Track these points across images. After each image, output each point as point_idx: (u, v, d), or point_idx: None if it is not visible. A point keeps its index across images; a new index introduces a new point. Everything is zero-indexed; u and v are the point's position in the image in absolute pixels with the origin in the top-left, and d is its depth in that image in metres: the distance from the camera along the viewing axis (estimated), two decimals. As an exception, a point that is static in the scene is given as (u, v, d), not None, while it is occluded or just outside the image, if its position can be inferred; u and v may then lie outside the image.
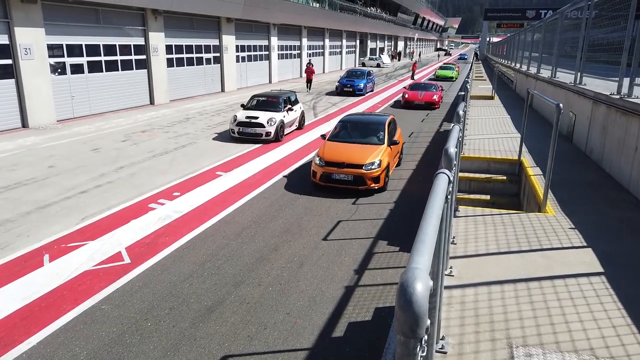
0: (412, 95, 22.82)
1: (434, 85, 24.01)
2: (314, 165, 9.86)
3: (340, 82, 27.51)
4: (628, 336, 3.50)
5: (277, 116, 14.43)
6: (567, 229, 5.61)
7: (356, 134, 10.94)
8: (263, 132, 14.04)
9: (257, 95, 15.70)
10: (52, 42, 16.10)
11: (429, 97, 22.48)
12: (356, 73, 28.82)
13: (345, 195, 9.62)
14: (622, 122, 7.46)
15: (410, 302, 1.08)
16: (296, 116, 16.09)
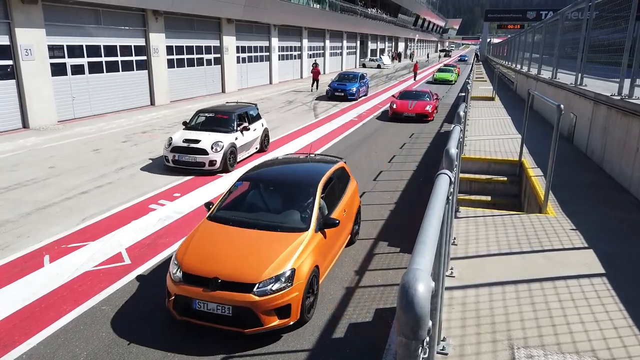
0: (401, 105, 19.31)
1: (428, 93, 20.75)
2: (168, 279, 5.20)
3: (331, 86, 25.44)
4: (630, 337, 3.49)
5: (225, 139, 11.00)
6: (568, 230, 5.60)
7: (263, 205, 6.33)
8: (206, 161, 10.61)
9: (203, 111, 12.26)
10: (52, 42, 16.11)
11: (420, 107, 19.14)
12: (348, 76, 26.95)
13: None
14: (623, 123, 7.46)
15: (411, 303, 1.07)
16: (256, 136, 12.57)
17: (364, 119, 19.61)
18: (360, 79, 26.67)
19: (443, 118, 20.06)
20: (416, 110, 18.92)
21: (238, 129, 11.63)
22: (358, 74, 26.98)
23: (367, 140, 15.40)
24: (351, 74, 27.43)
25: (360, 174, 11.28)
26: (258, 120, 12.98)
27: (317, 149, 13.62)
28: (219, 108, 12.56)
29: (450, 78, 36.49)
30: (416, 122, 18.71)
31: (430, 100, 19.87)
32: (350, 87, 25.20)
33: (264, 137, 13.30)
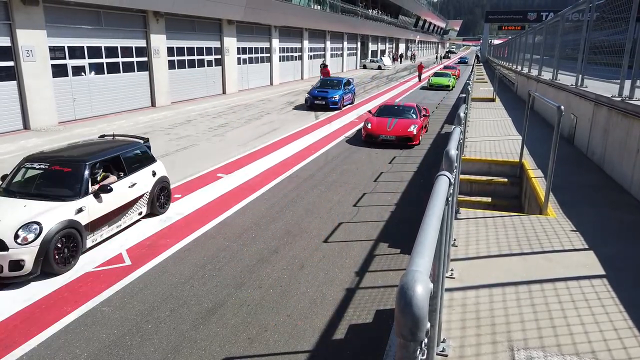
0: (378, 125, 14.85)
1: (414, 108, 16.06)
2: None
3: (311, 94, 22.25)
4: (630, 339, 3.49)
5: (53, 214, 6.23)
6: (568, 231, 5.60)
7: None
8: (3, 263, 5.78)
9: (33, 159, 7.23)
10: (53, 44, 16.13)
11: (402, 128, 14.54)
12: (332, 82, 23.65)
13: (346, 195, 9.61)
14: (624, 124, 7.45)
15: (410, 304, 1.07)
16: (137, 195, 7.76)
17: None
18: (345, 85, 23.38)
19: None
20: (397, 132, 14.47)
21: (90, 191, 6.84)
22: (343, 80, 23.68)
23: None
24: (335, 79, 24.23)
25: (360, 175, 11.29)
26: (146, 167, 8.18)
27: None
28: (63, 153, 7.47)
29: (448, 83, 32.64)
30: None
31: (416, 119, 15.32)
32: (333, 95, 21.96)
33: (159, 194, 8.35)
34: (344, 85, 23.14)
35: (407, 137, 14.48)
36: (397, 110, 16.04)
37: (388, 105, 16.85)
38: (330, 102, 21.74)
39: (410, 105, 16.54)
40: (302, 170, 11.71)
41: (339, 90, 22.53)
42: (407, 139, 14.50)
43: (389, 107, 16.61)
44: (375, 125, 14.85)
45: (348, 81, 24.14)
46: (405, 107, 16.34)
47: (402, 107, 16.39)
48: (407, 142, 14.51)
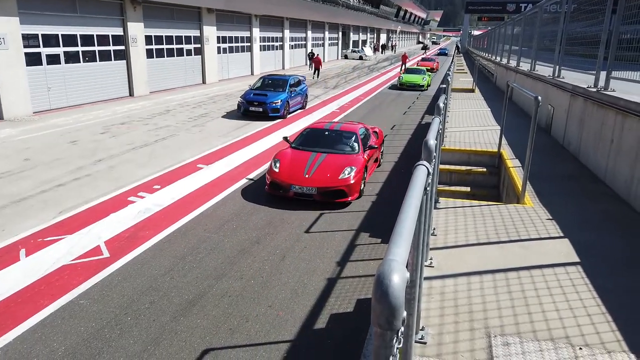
0: (290, 167, 8.97)
1: (355, 134, 9.99)
2: None
3: (245, 98, 17.16)
4: (603, 324, 3.59)
5: None
6: (544, 220, 5.71)
7: None
8: None
9: None
10: (27, 31, 15.68)
11: (330, 173, 8.76)
12: (274, 81, 18.40)
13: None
14: (599, 114, 7.60)
15: (386, 294, 1.08)
16: None
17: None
18: (292, 86, 18.35)
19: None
20: (320, 181, 8.57)
21: None
22: (289, 78, 18.55)
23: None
24: (280, 78, 18.78)
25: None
26: None
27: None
28: None
29: (421, 82, 27.07)
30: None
31: (356, 153, 9.43)
32: (274, 99, 16.90)
33: None
34: (289, 85, 18.03)
35: (337, 191, 8.47)
36: (329, 138, 10.00)
37: (315, 129, 10.49)
38: (269, 109, 16.65)
39: (352, 129, 10.22)
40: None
41: (281, 93, 17.38)
42: (337, 194, 8.49)
43: (316, 132, 10.34)
44: (287, 167, 8.82)
45: (298, 81, 19.25)
46: (343, 132, 10.13)
47: (338, 132, 10.17)
48: (337, 197, 8.49)
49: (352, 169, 8.73)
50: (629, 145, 6.39)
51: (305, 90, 19.80)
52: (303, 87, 19.67)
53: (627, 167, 6.39)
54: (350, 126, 10.57)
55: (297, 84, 19.10)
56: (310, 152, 9.34)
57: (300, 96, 19.17)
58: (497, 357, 3.18)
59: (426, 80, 27.54)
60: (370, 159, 9.94)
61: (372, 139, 10.54)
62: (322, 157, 9.16)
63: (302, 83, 19.67)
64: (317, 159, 9.07)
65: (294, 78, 19.05)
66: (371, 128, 11.42)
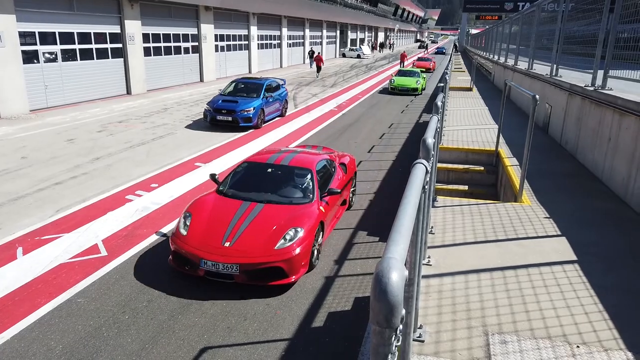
0: (207, 230, 5.85)
1: (311, 172, 6.85)
2: None
3: (213, 105, 14.71)
4: (600, 322, 3.60)
5: None
6: (542, 218, 5.72)
7: None
8: None
9: None
10: (23, 29, 15.62)
11: (263, 245, 5.60)
12: (247, 86, 15.97)
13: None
14: (596, 113, 7.62)
15: (385, 292, 1.08)
16: None
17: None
18: (269, 91, 15.92)
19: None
20: (243, 255, 5.56)
21: None
22: (265, 82, 16.02)
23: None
24: (254, 82, 16.33)
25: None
26: None
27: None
28: None
29: (415, 86, 24.34)
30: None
31: (308, 202, 6.45)
32: (245, 107, 14.48)
33: None
34: (265, 90, 15.59)
35: (270, 269, 5.59)
36: (272, 179, 6.98)
37: (254, 164, 7.29)
38: (240, 118, 14.29)
39: (307, 163, 7.11)
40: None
41: (254, 100, 14.96)
42: (270, 273, 5.62)
43: (254, 168, 7.22)
44: (201, 227, 5.96)
45: (276, 85, 16.87)
46: (293, 169, 7.04)
47: (287, 169, 7.06)
48: (270, 279, 5.61)
49: (297, 232, 5.71)
50: (626, 144, 6.41)
51: (284, 95, 17.45)
52: (282, 92, 17.25)
53: (624, 165, 6.41)
54: (306, 158, 7.35)
55: (275, 88, 16.62)
56: (240, 202, 6.29)
57: (279, 102, 16.77)
58: (494, 355, 3.19)
59: (420, 83, 24.84)
60: (332, 209, 6.92)
61: (338, 175, 7.60)
62: (256, 209, 6.11)
63: (281, 87, 17.24)
64: (247, 214, 6.03)
65: (270, 82, 16.53)
66: (338, 157, 8.37)
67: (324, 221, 6.44)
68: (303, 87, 26.41)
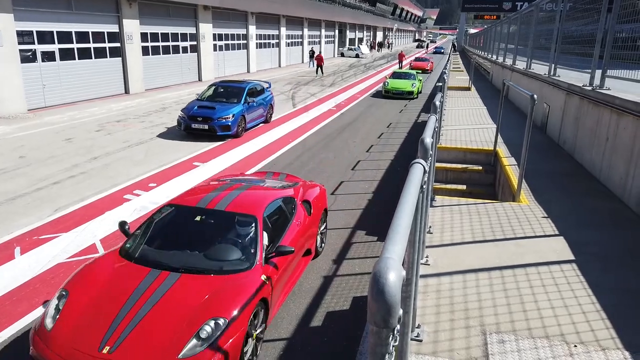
0: (71, 330, 3.77)
1: (255, 221, 4.83)
2: None
3: (187, 112, 13.26)
4: (597, 322, 3.61)
5: None
6: (540, 218, 5.73)
7: None
8: None
9: None
10: (21, 28, 15.59)
11: (160, 352, 3.56)
12: (227, 90, 14.51)
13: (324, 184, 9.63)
14: (594, 113, 7.63)
15: (382, 292, 1.08)
16: None
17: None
18: (251, 95, 14.44)
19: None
20: None
21: None
22: (247, 86, 14.53)
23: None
24: (235, 85, 14.83)
25: (337, 164, 11.31)
26: None
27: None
28: None
29: (410, 89, 22.77)
30: None
31: (244, 269, 4.43)
32: (223, 113, 13.02)
33: None
34: (247, 95, 14.09)
35: None
36: (199, 232, 5.02)
37: (179, 209, 5.27)
38: (217, 126, 12.79)
39: (251, 207, 5.11)
40: (279, 158, 11.66)
41: (234, 106, 13.46)
42: None
43: (178, 216, 5.22)
44: (75, 315, 3.94)
45: (260, 89, 15.46)
46: (232, 216, 5.05)
47: (222, 217, 5.08)
48: None
49: (218, 326, 3.80)
50: (624, 143, 6.42)
51: (270, 100, 15.93)
52: (267, 96, 15.70)
53: (622, 165, 6.42)
54: (252, 199, 5.45)
55: (259, 92, 15.18)
56: (147, 270, 4.38)
57: (263, 107, 15.24)
58: (492, 355, 3.20)
59: (416, 86, 23.12)
60: (286, 272, 5.04)
61: (298, 219, 5.69)
62: (167, 283, 4.22)
63: (265, 91, 15.75)
64: (153, 291, 4.13)
65: (254, 85, 15.10)
66: (303, 190, 6.39)
67: (269, 298, 4.49)
68: (302, 87, 26.41)
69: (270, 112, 15.97)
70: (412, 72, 25.31)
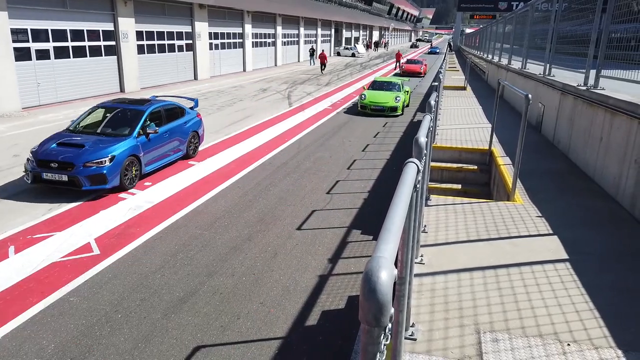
0: None
1: None
2: None
3: (39, 153, 8.52)
4: (590, 320, 3.63)
5: None
6: (534, 217, 5.75)
7: None
8: None
9: None
10: (15, 26, 15.50)
11: None
12: (117, 115, 9.90)
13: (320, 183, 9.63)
14: (588, 113, 7.66)
15: (373, 291, 1.08)
16: None
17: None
18: (156, 121, 9.94)
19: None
20: None
21: None
22: (147, 109, 9.86)
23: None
24: (133, 108, 9.98)
25: (333, 163, 11.31)
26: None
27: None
28: None
29: (393, 104, 17.80)
30: None
31: None
32: (95, 156, 8.45)
33: None
34: (144, 122, 9.56)
35: None
36: None
37: None
38: (83, 177, 8.25)
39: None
40: (275, 157, 11.66)
41: (120, 141, 8.98)
42: None
43: None
44: None
45: (176, 110, 10.83)
46: None
47: None
48: None
49: None
50: (617, 143, 6.45)
51: (194, 125, 11.11)
52: (188, 120, 10.87)
53: (615, 165, 6.45)
54: None
55: (172, 116, 10.43)
56: None
57: (180, 138, 10.52)
58: (486, 353, 3.21)
59: (400, 99, 18.05)
60: None
61: None
62: None
63: (186, 113, 10.94)
64: None
65: (162, 106, 10.29)
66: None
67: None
68: (298, 86, 26.40)
69: (194, 143, 11.18)
70: (397, 82, 19.72)
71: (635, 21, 6.46)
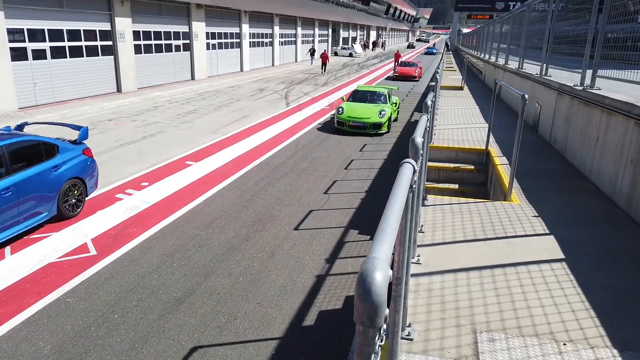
0: None
1: None
2: None
3: None
4: (586, 320, 3.64)
5: None
6: (530, 217, 5.76)
7: None
8: None
9: None
10: (12, 26, 15.45)
11: None
12: None
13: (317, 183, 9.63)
14: (585, 113, 7.68)
15: (368, 291, 1.08)
16: None
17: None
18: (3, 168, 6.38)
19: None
20: None
21: None
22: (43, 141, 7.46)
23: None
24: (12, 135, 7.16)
25: (331, 163, 11.31)
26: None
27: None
28: None
29: (377, 119, 14.56)
30: None
31: None
32: None
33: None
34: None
35: None
36: None
37: None
38: None
39: None
40: (272, 157, 11.65)
41: None
42: None
43: None
44: None
45: (47, 147, 7.40)
46: None
47: None
48: None
49: None
50: (613, 143, 6.47)
51: (72, 169, 7.57)
52: (62, 162, 7.44)
53: (611, 164, 6.47)
54: None
55: (25, 158, 6.93)
56: None
57: (40, 194, 6.91)
58: (482, 353, 3.21)
59: (386, 113, 14.80)
60: None
61: None
62: None
63: (58, 153, 7.48)
64: None
65: (18, 141, 6.99)
66: None
67: None
68: (295, 86, 26.39)
69: (75, 195, 7.63)
70: (382, 92, 16.39)
71: (631, 21, 6.48)
